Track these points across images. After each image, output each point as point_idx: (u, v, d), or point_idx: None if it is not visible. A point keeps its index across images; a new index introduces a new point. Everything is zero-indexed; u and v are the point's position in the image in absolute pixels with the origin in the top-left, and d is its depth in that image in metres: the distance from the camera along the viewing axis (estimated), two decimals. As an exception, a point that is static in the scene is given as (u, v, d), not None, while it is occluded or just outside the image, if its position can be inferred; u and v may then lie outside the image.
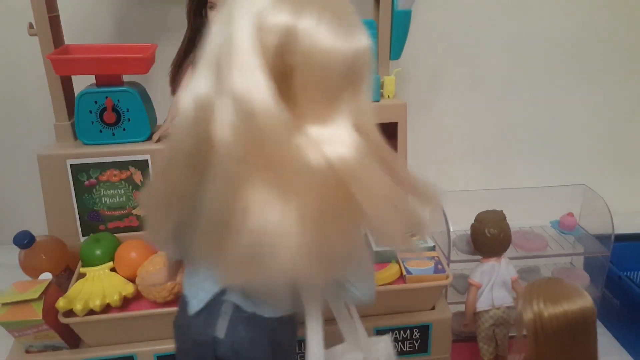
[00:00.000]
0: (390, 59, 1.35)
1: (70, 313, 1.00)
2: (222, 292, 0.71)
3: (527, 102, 1.75)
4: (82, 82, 1.27)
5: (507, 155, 1.81)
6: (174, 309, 1.02)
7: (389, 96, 1.34)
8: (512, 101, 1.75)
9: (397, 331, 1.15)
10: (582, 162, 1.80)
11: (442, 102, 1.72)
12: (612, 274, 1.36)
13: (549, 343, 0.80)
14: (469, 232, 1.31)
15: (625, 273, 1.38)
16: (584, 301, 0.80)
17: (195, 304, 0.73)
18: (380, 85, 1.32)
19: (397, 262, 1.16)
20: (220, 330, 0.70)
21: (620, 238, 1.36)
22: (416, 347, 1.17)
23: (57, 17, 1.25)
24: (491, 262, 1.17)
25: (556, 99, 1.77)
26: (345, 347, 0.80)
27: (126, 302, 1.05)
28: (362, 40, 0.56)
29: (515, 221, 1.30)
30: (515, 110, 1.76)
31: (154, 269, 1.04)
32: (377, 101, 1.31)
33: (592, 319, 0.81)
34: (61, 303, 0.98)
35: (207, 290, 0.72)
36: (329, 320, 0.74)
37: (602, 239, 1.34)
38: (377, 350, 0.83)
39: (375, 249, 1.19)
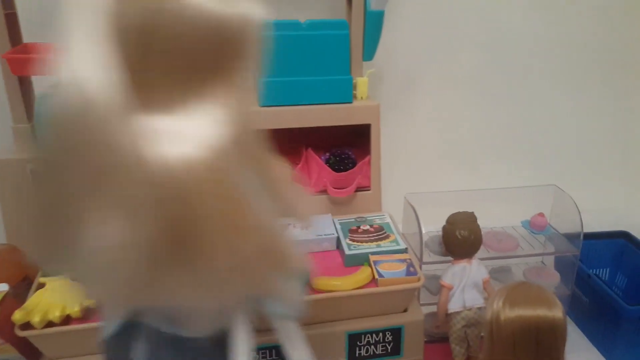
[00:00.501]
0: (363, 59, 1.34)
1: (28, 325, 0.95)
2: (139, 314, 0.61)
3: (499, 103, 1.77)
4: (42, 82, 1.22)
5: (480, 156, 1.82)
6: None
7: (362, 97, 1.33)
8: (485, 103, 1.76)
9: (369, 334, 1.14)
10: (553, 163, 1.83)
11: (416, 103, 1.72)
12: (581, 272, 1.38)
13: (503, 346, 0.78)
14: (439, 232, 1.31)
15: (593, 271, 1.40)
16: (546, 310, 0.77)
17: (109, 326, 0.63)
18: (353, 87, 1.30)
19: (370, 265, 1.15)
20: (140, 354, 0.61)
21: (589, 236, 1.38)
22: (389, 350, 1.16)
23: (15, 14, 1.19)
24: (462, 264, 1.17)
25: (528, 100, 1.79)
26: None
27: (88, 313, 1.01)
28: (247, 7, 0.43)
29: (487, 221, 1.31)
30: (488, 111, 1.78)
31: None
32: (350, 102, 1.30)
33: (553, 329, 0.78)
34: (17, 315, 0.93)
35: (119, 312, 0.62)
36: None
37: (571, 237, 1.36)
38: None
39: (347, 252, 1.18)
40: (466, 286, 1.16)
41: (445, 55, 1.67)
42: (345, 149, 1.42)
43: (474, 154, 1.82)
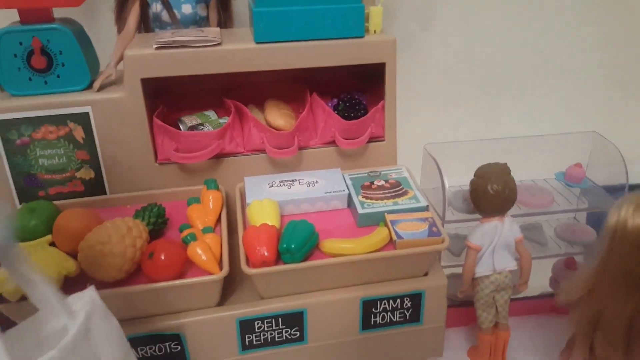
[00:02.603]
0: (375, -14, 1.15)
1: (0, 297, 0.86)
2: None
3: (526, 39, 1.56)
4: (2, 20, 1.05)
5: (504, 100, 1.63)
6: (125, 288, 0.88)
7: (375, 31, 1.14)
8: (510, 38, 1.55)
9: (386, 301, 1.02)
10: (591, 107, 1.63)
11: (431, 40, 1.52)
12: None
13: (625, 255, 0.75)
14: (464, 187, 1.16)
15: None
16: None
17: None
18: (365, 18, 1.11)
19: (386, 225, 1.01)
20: None
21: (634, 189, 1.22)
22: (407, 317, 1.05)
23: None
24: (493, 222, 1.02)
25: (560, 35, 1.58)
26: (43, 315, 0.64)
27: (67, 282, 0.89)
28: None
29: (517, 174, 1.15)
30: (513, 48, 1.57)
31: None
32: (362, 37, 1.11)
33: None
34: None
35: None
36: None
37: (613, 190, 1.20)
38: (80, 307, 0.67)
39: (361, 211, 1.03)
40: (497, 247, 1.03)
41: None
42: (355, 93, 1.25)
43: (500, 97, 1.63)
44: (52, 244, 0.95)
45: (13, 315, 0.88)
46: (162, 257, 0.88)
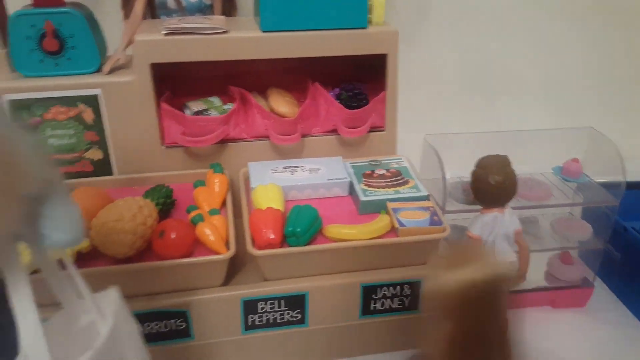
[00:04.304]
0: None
1: None
2: None
3: (526, 33, 1.58)
4: (16, 3, 1.06)
5: (505, 94, 1.65)
6: (136, 265, 0.90)
7: (377, 23, 1.16)
8: (510, 32, 1.57)
9: (386, 287, 1.04)
10: (588, 102, 1.65)
11: (431, 33, 1.53)
12: (616, 225, 1.26)
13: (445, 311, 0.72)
14: (463, 178, 1.18)
15: (630, 225, 1.28)
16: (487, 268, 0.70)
17: None
18: (368, 9, 1.13)
19: (388, 213, 1.03)
20: None
21: (631, 186, 1.25)
22: (406, 304, 1.07)
23: None
24: (493, 213, 1.04)
25: (561, 28, 1.59)
26: (70, 312, 0.67)
27: (79, 258, 0.91)
28: None
29: (515, 167, 1.17)
30: (513, 42, 1.59)
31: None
32: (364, 28, 1.13)
33: (493, 288, 0.71)
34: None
35: None
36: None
37: (610, 187, 1.23)
38: (106, 306, 0.69)
39: (363, 198, 1.06)
40: (497, 238, 1.05)
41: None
42: (356, 83, 1.27)
43: (498, 91, 1.65)
44: (61, 222, 0.97)
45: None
46: (173, 236, 0.90)
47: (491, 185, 1.01)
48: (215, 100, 1.20)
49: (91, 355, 0.60)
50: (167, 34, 1.05)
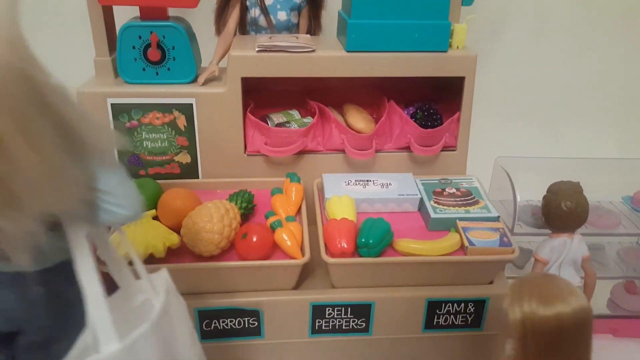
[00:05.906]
0: (462, 4, 1.21)
1: None
2: None
3: (600, 60, 1.57)
4: (124, 16, 1.17)
5: (574, 120, 1.65)
6: (220, 263, 0.98)
7: (457, 47, 1.20)
8: (584, 57, 1.57)
9: (450, 304, 1.07)
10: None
11: (505, 54, 1.55)
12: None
13: (538, 345, 0.73)
14: (532, 202, 1.20)
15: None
16: (578, 302, 0.73)
17: None
18: (450, 34, 1.18)
19: (458, 232, 1.06)
20: None
21: None
22: (469, 322, 1.09)
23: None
24: (563, 238, 1.06)
25: (634, 58, 1.58)
26: (128, 291, 0.73)
27: (169, 254, 0.99)
28: None
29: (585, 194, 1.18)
30: (587, 67, 1.58)
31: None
32: (445, 51, 1.18)
33: (586, 321, 0.74)
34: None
35: None
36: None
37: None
38: (158, 285, 0.75)
39: (433, 215, 1.09)
40: (564, 263, 1.06)
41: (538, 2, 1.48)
42: (430, 103, 1.31)
43: (567, 116, 1.65)
44: (154, 217, 1.06)
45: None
46: (255, 239, 0.97)
47: (563, 210, 1.03)
48: (295, 113, 1.27)
49: (148, 326, 0.67)
50: (259, 51, 1.12)
